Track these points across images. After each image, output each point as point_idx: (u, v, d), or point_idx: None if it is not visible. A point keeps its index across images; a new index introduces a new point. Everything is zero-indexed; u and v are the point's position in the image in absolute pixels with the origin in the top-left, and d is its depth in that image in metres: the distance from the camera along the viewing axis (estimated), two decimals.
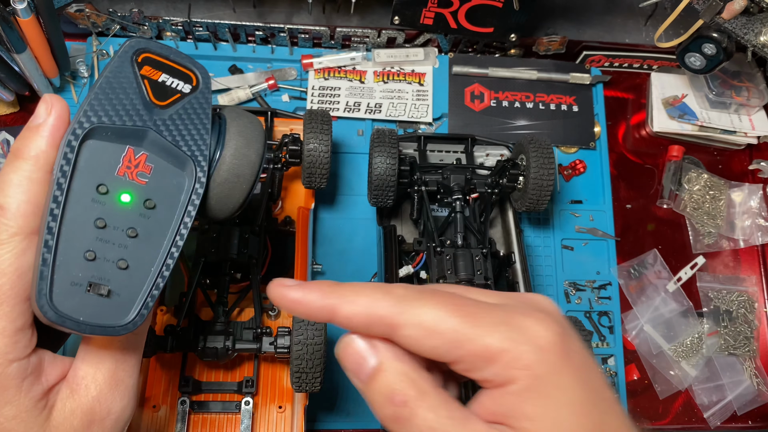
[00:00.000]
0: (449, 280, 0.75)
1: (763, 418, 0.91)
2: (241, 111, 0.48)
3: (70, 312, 0.36)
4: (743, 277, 0.97)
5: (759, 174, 1.02)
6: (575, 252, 0.94)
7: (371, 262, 0.88)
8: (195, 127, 0.41)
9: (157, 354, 0.69)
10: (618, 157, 1.01)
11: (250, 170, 0.44)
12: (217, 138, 0.44)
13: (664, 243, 0.97)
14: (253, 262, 0.73)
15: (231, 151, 0.44)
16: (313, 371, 0.65)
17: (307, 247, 0.81)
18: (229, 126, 0.45)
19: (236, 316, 0.76)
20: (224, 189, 0.43)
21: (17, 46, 0.76)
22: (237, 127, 0.45)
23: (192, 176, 0.40)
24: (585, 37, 1.00)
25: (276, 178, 0.80)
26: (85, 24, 0.90)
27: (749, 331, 0.93)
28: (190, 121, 0.41)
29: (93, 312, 0.37)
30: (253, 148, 0.45)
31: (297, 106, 0.95)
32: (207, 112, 0.42)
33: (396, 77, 0.97)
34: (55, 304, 0.36)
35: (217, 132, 0.44)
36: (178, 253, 0.40)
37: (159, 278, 0.39)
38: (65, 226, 0.36)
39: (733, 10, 0.77)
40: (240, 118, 0.46)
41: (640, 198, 0.99)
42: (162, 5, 0.93)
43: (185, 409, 0.70)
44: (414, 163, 0.83)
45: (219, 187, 0.43)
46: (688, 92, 1.01)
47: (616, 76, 1.04)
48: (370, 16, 0.97)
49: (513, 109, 0.98)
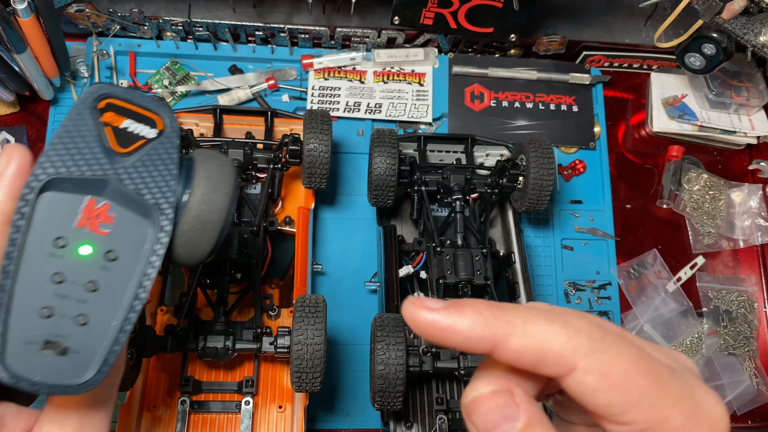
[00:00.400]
0: (449, 280, 0.75)
1: (763, 418, 0.91)
2: (212, 153, 0.46)
3: (24, 372, 0.35)
4: (743, 277, 0.97)
5: (759, 174, 1.02)
6: (575, 252, 0.94)
7: (371, 262, 0.88)
8: (160, 173, 0.39)
9: (157, 354, 0.69)
10: (618, 157, 1.01)
11: (218, 216, 0.42)
12: (184, 183, 0.42)
13: (664, 243, 0.97)
14: (253, 262, 0.73)
15: (198, 197, 0.42)
16: (313, 371, 0.65)
17: (307, 247, 0.81)
18: (198, 170, 0.43)
19: (236, 316, 0.76)
20: (191, 237, 0.42)
21: (17, 46, 0.77)
22: (205, 171, 0.43)
23: (156, 225, 0.39)
24: (585, 37, 1.00)
25: (276, 178, 0.80)
26: (86, 24, 0.90)
27: (749, 331, 0.93)
28: (155, 167, 0.39)
29: (49, 371, 0.35)
30: (222, 193, 0.43)
31: (297, 106, 0.95)
32: (173, 157, 0.40)
33: (396, 77, 0.97)
34: (8, 364, 0.34)
35: (185, 177, 0.42)
36: (141, 306, 0.38)
37: (121, 333, 0.37)
38: (19, 283, 0.35)
39: (732, 11, 0.77)
40: (209, 161, 0.43)
41: (639, 198, 0.99)
42: (162, 5, 0.93)
43: (185, 409, 0.70)
44: (414, 163, 0.83)
45: (185, 234, 0.41)
46: (687, 92, 1.02)
47: (616, 76, 1.04)
48: (370, 17, 0.97)
49: (513, 109, 0.98)
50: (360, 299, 0.87)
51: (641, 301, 0.92)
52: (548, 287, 0.91)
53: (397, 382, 0.64)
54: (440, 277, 0.75)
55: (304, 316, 0.66)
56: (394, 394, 0.65)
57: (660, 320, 0.91)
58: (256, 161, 0.79)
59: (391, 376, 0.64)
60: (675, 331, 0.91)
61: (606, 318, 0.91)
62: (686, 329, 0.92)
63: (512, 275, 0.83)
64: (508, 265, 0.84)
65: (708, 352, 0.91)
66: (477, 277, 0.75)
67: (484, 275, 0.75)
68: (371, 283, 0.86)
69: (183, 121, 0.85)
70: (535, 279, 0.90)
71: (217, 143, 0.79)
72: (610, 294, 0.92)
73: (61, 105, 0.90)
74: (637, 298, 0.93)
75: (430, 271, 0.78)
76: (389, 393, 0.65)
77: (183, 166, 0.43)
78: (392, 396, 0.65)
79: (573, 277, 0.92)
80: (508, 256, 0.84)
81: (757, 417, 0.91)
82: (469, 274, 0.75)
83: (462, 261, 0.75)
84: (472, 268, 0.75)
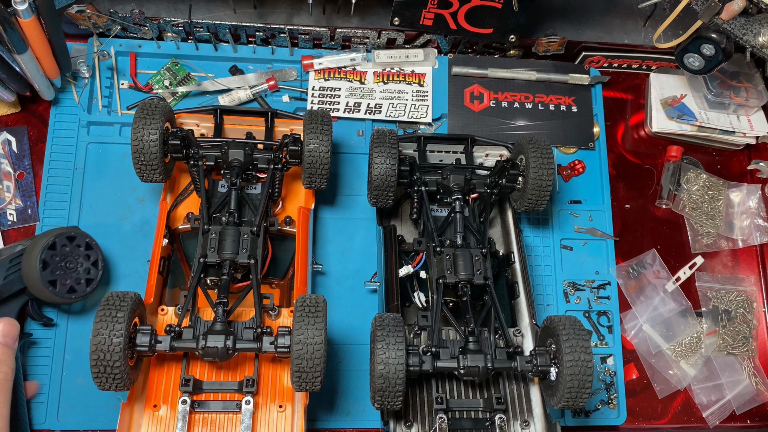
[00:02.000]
0: (449, 280, 0.75)
1: (761, 417, 0.91)
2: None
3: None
4: (742, 276, 0.97)
5: (757, 174, 1.02)
6: (574, 252, 0.94)
7: (371, 262, 0.89)
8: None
9: (158, 354, 0.70)
10: (617, 158, 1.01)
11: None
12: None
13: (663, 243, 0.97)
14: (253, 262, 0.74)
15: None
16: (314, 371, 0.65)
17: (307, 247, 0.81)
18: None
19: (236, 316, 0.76)
20: None
21: (18, 47, 0.77)
22: None
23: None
24: (584, 37, 1.00)
25: (276, 178, 0.80)
26: (86, 25, 0.90)
27: (748, 330, 0.93)
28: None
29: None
30: None
31: (297, 106, 0.95)
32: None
33: (396, 78, 0.97)
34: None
35: None
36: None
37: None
38: None
39: (731, 11, 0.77)
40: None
41: (638, 198, 0.99)
42: (163, 6, 0.94)
43: (186, 409, 0.70)
44: (414, 163, 0.83)
45: None
46: (686, 93, 1.02)
47: (615, 77, 1.04)
48: (370, 17, 0.97)
49: (512, 109, 0.98)
50: (360, 299, 0.87)
51: (640, 301, 0.93)
52: (547, 287, 0.92)
53: (397, 381, 0.65)
54: (440, 276, 0.75)
55: (304, 316, 0.66)
56: (394, 393, 0.65)
57: (659, 320, 0.92)
58: (257, 161, 0.79)
59: (391, 376, 0.64)
60: (674, 330, 0.92)
61: (605, 318, 0.92)
62: (685, 329, 0.92)
63: (512, 275, 0.83)
64: (507, 264, 0.84)
65: (707, 351, 0.91)
66: (477, 276, 0.75)
67: (484, 275, 0.76)
68: (371, 282, 0.86)
69: (183, 122, 0.85)
70: (534, 279, 0.90)
71: (218, 143, 0.79)
72: (609, 294, 0.93)
73: (62, 105, 0.90)
74: (636, 298, 0.93)
75: (430, 271, 0.78)
76: (389, 392, 0.65)
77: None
78: (392, 395, 0.65)
79: (572, 277, 0.93)
80: (508, 256, 0.84)
81: (755, 416, 0.91)
82: (468, 274, 0.75)
83: (462, 261, 0.76)
84: (472, 268, 0.76)
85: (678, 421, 0.90)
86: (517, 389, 0.75)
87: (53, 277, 0.74)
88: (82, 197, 0.87)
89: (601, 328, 0.91)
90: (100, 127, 0.90)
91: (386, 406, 0.67)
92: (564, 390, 0.66)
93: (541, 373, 0.69)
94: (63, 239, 0.76)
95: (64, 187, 0.87)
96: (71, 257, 0.76)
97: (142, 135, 0.73)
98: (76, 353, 0.81)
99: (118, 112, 0.91)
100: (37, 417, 0.78)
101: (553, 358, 0.68)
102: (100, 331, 0.62)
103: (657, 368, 0.91)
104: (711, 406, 0.90)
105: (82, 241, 0.77)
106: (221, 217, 0.76)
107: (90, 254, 0.78)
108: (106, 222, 0.86)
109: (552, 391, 0.69)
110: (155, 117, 0.74)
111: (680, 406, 0.91)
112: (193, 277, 0.73)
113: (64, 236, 0.76)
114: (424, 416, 0.73)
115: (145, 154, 0.73)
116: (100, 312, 0.63)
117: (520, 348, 0.72)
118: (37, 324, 0.81)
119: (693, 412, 0.91)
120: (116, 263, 0.85)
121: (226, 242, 0.73)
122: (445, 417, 0.70)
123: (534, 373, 0.70)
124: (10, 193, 0.86)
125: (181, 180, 0.85)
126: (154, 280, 0.75)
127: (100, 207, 0.87)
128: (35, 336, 0.80)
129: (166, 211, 0.81)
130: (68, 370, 0.80)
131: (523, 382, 0.76)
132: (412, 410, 0.73)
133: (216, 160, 0.78)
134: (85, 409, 0.79)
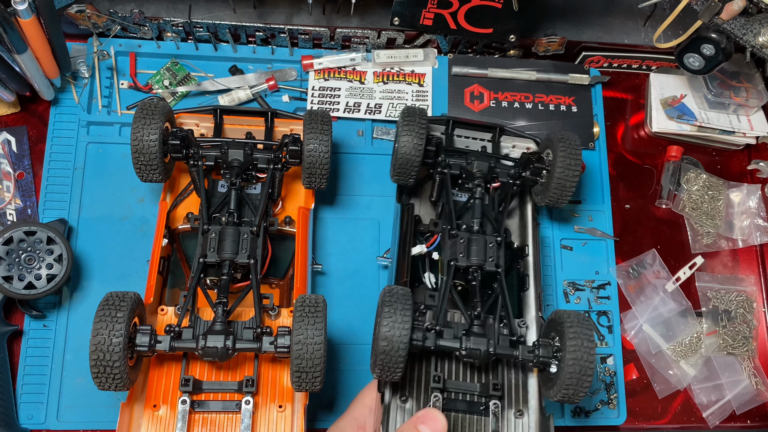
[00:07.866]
0: (460, 263, 0.75)
1: (762, 417, 0.91)
2: None
3: None
4: (742, 276, 0.97)
5: (757, 174, 1.02)
6: (574, 252, 0.94)
7: (372, 261, 0.89)
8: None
9: (158, 353, 0.70)
10: (617, 158, 1.01)
11: None
12: None
13: (663, 243, 0.97)
14: (252, 262, 0.74)
15: None
16: (314, 370, 0.65)
17: (307, 247, 0.81)
18: None
19: (236, 316, 0.76)
20: None
21: (18, 47, 0.77)
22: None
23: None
24: (584, 37, 1.00)
25: (276, 178, 0.80)
26: (86, 25, 0.90)
27: (748, 330, 0.93)
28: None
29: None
30: None
31: (297, 106, 0.95)
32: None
33: (396, 78, 0.97)
34: None
35: None
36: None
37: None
38: None
39: (731, 11, 0.77)
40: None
41: (638, 198, 0.99)
42: (162, 6, 0.94)
43: (185, 409, 0.70)
44: (440, 144, 0.82)
45: None
46: (686, 93, 1.02)
47: (615, 77, 1.04)
48: (370, 17, 0.97)
49: (512, 109, 0.98)
50: (360, 299, 0.87)
51: (640, 301, 0.93)
52: (547, 287, 0.92)
53: (400, 347, 0.64)
54: (452, 258, 0.75)
55: (304, 316, 0.66)
56: (396, 361, 0.64)
57: (659, 320, 0.92)
58: (257, 161, 0.79)
59: (396, 340, 0.63)
60: (674, 330, 0.92)
61: (605, 318, 0.92)
62: (685, 329, 0.92)
63: (524, 267, 0.83)
64: (520, 257, 0.84)
65: (707, 351, 0.91)
66: (488, 263, 0.75)
67: (496, 262, 0.75)
68: (383, 258, 0.85)
69: (183, 122, 0.85)
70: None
71: (218, 143, 0.79)
72: (609, 294, 0.93)
73: (62, 105, 0.90)
74: (636, 298, 0.93)
75: (443, 252, 0.77)
76: (391, 358, 0.64)
77: None
78: (393, 362, 0.64)
79: (572, 277, 0.93)
80: (522, 249, 0.84)
81: (755, 416, 0.91)
82: (480, 260, 0.75)
83: (475, 246, 0.75)
84: (485, 254, 0.75)
85: (678, 421, 0.90)
86: (515, 379, 0.75)
87: (8, 273, 0.75)
88: (81, 197, 0.87)
89: (601, 328, 0.91)
90: (100, 127, 0.90)
91: (386, 375, 0.66)
92: (563, 383, 0.66)
93: (541, 364, 0.69)
94: (20, 234, 0.76)
95: (63, 187, 0.87)
96: (31, 253, 0.76)
97: (142, 135, 0.73)
98: (75, 353, 0.81)
99: (118, 112, 0.91)
100: (36, 417, 0.78)
101: (556, 350, 0.68)
102: (99, 331, 0.62)
103: (657, 368, 0.91)
104: (711, 406, 0.90)
105: (43, 235, 0.77)
106: (221, 217, 0.76)
107: (53, 249, 0.77)
108: (105, 222, 0.86)
109: (551, 383, 0.69)
110: (155, 117, 0.74)
111: (680, 406, 0.91)
112: (192, 277, 0.73)
113: (21, 231, 0.76)
114: (420, 393, 0.72)
115: (144, 154, 0.73)
116: (99, 312, 0.63)
117: (523, 338, 0.72)
118: (36, 323, 0.81)
119: (693, 412, 0.91)
120: (116, 263, 0.85)
121: (225, 242, 0.73)
122: (440, 396, 0.70)
123: (534, 364, 0.70)
124: (10, 193, 0.86)
125: (181, 180, 0.85)
126: (154, 280, 0.75)
127: (100, 207, 0.87)
128: (35, 336, 0.81)
129: (165, 211, 0.81)
130: (68, 370, 0.80)
131: (522, 372, 0.76)
132: (409, 386, 0.72)
133: (216, 160, 0.78)
134: (84, 409, 0.79)
